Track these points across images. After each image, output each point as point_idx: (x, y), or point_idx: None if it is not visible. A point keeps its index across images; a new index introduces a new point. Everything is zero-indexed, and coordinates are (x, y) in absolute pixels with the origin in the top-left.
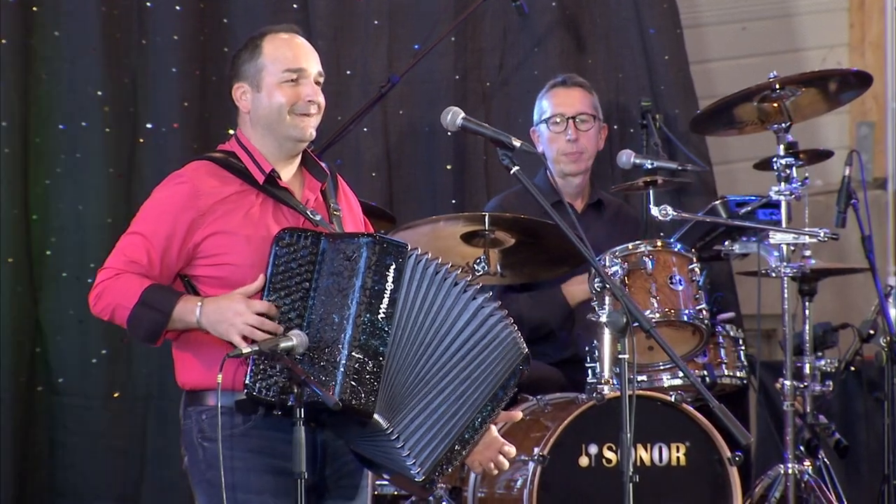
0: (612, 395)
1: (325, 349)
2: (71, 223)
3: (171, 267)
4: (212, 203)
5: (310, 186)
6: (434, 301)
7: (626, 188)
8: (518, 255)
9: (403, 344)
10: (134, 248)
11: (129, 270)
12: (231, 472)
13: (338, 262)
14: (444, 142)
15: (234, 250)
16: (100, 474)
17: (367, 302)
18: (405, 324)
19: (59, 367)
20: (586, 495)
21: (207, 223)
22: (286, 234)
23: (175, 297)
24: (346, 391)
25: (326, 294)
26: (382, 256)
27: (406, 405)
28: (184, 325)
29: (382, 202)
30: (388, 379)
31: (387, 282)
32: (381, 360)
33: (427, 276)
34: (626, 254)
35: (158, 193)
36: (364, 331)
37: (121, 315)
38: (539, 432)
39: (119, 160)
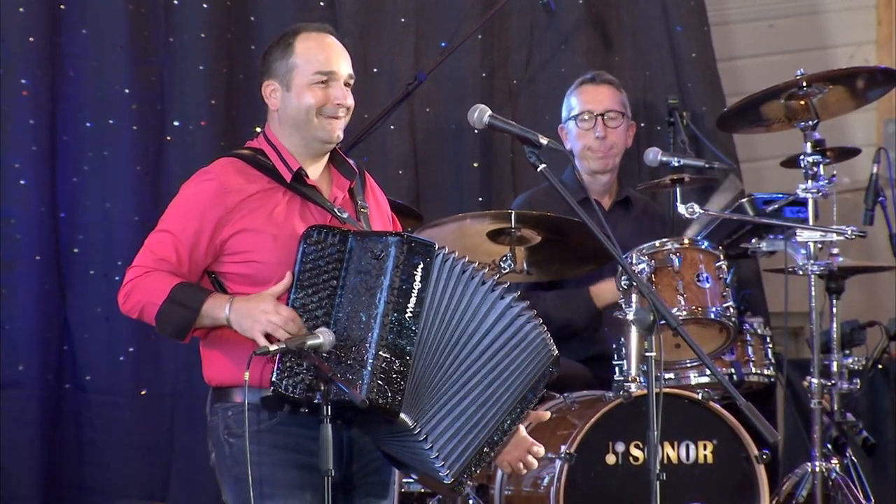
0: (639, 392)
1: (352, 348)
2: (98, 221)
3: (199, 264)
4: (239, 200)
5: (338, 184)
6: (461, 300)
7: (653, 186)
8: (544, 252)
9: (430, 343)
10: (162, 245)
11: (157, 268)
12: (258, 468)
13: (365, 261)
14: (470, 139)
15: (261, 248)
16: (127, 471)
17: (394, 301)
18: (432, 323)
19: (86, 364)
20: (613, 493)
21: (234, 220)
22: (314, 231)
23: (204, 295)
24: (373, 390)
25: (354, 292)
26: (410, 256)
27: (433, 405)
28: (212, 321)
29: (409, 200)
30: (415, 378)
31: (414, 281)
32: (408, 359)
33: (454, 275)
34: (653, 251)
35: (186, 190)
36: (391, 330)
37: (150, 312)
38: (566, 430)
39: (146, 158)
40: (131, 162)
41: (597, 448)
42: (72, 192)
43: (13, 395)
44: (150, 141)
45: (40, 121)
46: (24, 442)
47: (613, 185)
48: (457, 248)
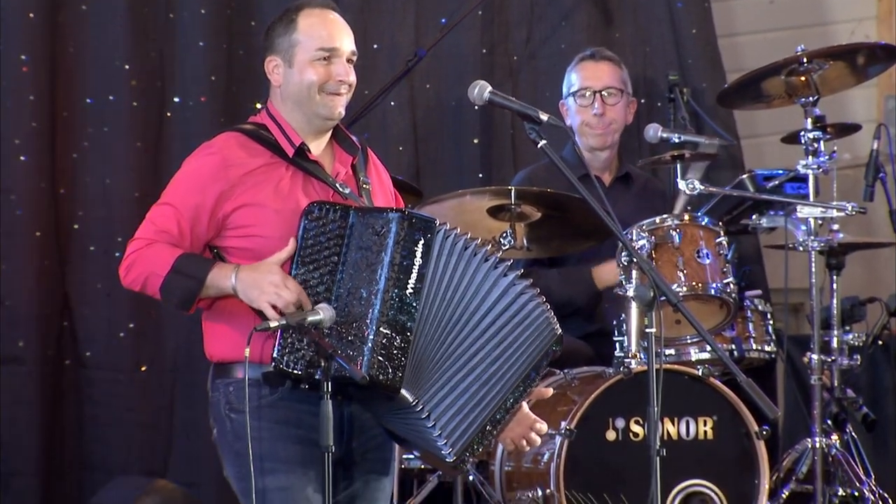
0: (639, 368)
1: (352, 324)
2: (98, 197)
3: (200, 237)
4: (241, 174)
5: (340, 160)
6: (463, 276)
7: (654, 162)
8: (544, 228)
9: (431, 320)
10: (164, 218)
11: (159, 240)
12: (259, 443)
13: (366, 237)
14: (470, 116)
15: (263, 222)
16: (127, 447)
17: (395, 277)
18: (433, 299)
19: (86, 340)
20: (613, 469)
21: (237, 194)
22: (315, 207)
23: (208, 264)
24: (373, 366)
25: (355, 268)
26: (411, 232)
27: (435, 382)
28: (217, 291)
29: (409, 176)
30: (416, 355)
31: (415, 257)
32: (408, 335)
33: (456, 252)
34: (653, 227)
35: (188, 164)
36: (392, 306)
37: (153, 284)
38: (566, 406)
39: (146, 134)
40: (131, 138)
41: (597, 424)
42: (72, 168)
43: (13, 370)
44: (150, 117)
45: (40, 97)
46: (25, 418)
47: (614, 161)
48: (457, 225)
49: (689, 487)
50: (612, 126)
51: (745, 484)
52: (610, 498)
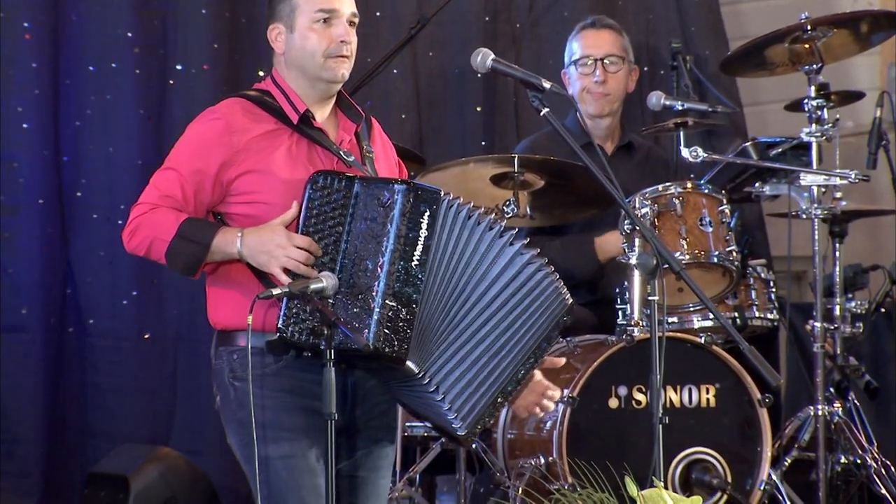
0: (641, 336)
1: (358, 296)
2: (101, 165)
3: (203, 203)
4: (246, 140)
5: (344, 127)
6: (467, 247)
7: (657, 130)
8: (548, 197)
9: (437, 291)
10: (168, 182)
11: (163, 205)
12: (262, 411)
13: (372, 208)
14: (473, 83)
15: (267, 189)
16: (131, 415)
17: (401, 249)
18: (439, 271)
19: (89, 308)
20: (616, 437)
21: (241, 160)
22: (320, 176)
23: (213, 229)
24: (379, 338)
25: (360, 239)
26: (417, 204)
27: (441, 354)
28: (222, 256)
29: (412, 144)
30: (422, 326)
31: (421, 229)
32: (414, 307)
33: (460, 222)
34: (655, 195)
35: (192, 129)
36: (398, 279)
37: (158, 249)
38: (569, 374)
39: (149, 102)
40: (134, 106)
41: (599, 392)
42: (74, 136)
43: (16, 338)
44: (153, 85)
45: (43, 65)
46: (28, 385)
47: (616, 129)
48: (460, 193)
49: (691, 455)
50: (611, 94)
51: (748, 451)
52: (612, 466)
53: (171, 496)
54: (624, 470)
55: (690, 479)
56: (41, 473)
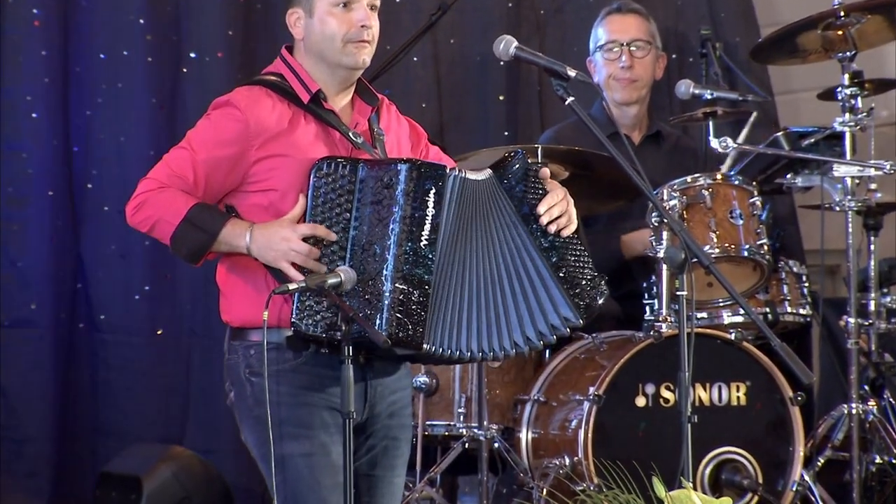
0: (670, 332)
1: (368, 281)
2: (112, 155)
3: (214, 189)
4: (264, 130)
5: (360, 111)
6: (475, 220)
7: (685, 120)
8: (572, 188)
9: (447, 267)
10: (181, 162)
11: (172, 185)
12: (279, 408)
13: (376, 190)
14: (496, 71)
15: (281, 175)
16: (143, 413)
17: (407, 230)
18: (451, 248)
19: (100, 303)
20: (643, 436)
21: (259, 146)
22: (324, 164)
23: (223, 219)
24: (392, 324)
25: (368, 224)
26: (421, 182)
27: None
28: (229, 248)
29: (433, 133)
30: (437, 306)
31: (427, 207)
32: (426, 288)
33: (466, 194)
34: (684, 187)
35: (213, 115)
36: (406, 260)
37: (163, 230)
38: (594, 371)
39: (161, 90)
40: (146, 94)
41: (626, 390)
42: (85, 125)
43: (25, 334)
44: (166, 73)
45: (52, 52)
46: (38, 383)
47: (644, 118)
48: None
49: (721, 455)
50: (639, 80)
51: (779, 451)
52: (640, 466)
53: (184, 497)
54: (651, 470)
55: (720, 480)
56: (51, 473)
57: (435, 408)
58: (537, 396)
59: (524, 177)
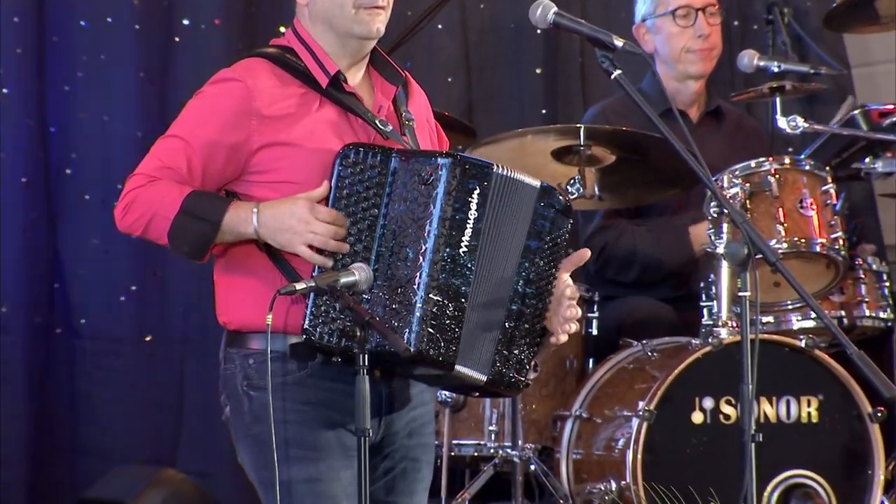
0: (730, 339)
1: (397, 289)
2: (95, 136)
3: (214, 178)
4: (269, 107)
5: (381, 91)
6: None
7: (749, 96)
8: (620, 174)
9: (485, 279)
10: (172, 153)
11: (163, 177)
12: (283, 427)
13: (411, 186)
14: (532, 41)
15: (294, 165)
16: (129, 431)
17: (446, 234)
18: (489, 255)
19: (81, 305)
20: (700, 457)
21: (262, 132)
22: (351, 150)
23: (224, 205)
24: (422, 340)
25: (398, 224)
26: (464, 180)
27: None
28: (235, 236)
29: (459, 112)
30: (471, 323)
31: (469, 210)
32: (463, 302)
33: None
34: (747, 173)
35: (206, 93)
36: (443, 269)
37: (158, 227)
38: (644, 384)
39: (151, 63)
40: (133, 67)
41: (681, 405)
42: (63, 102)
43: None
44: (156, 43)
45: (26, 19)
46: (9, 397)
47: (702, 94)
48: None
49: (789, 479)
50: (715, 50)
51: (856, 475)
52: (696, 491)
53: None
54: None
55: None
56: (24, 499)
57: (462, 425)
58: (579, 412)
59: (556, 218)
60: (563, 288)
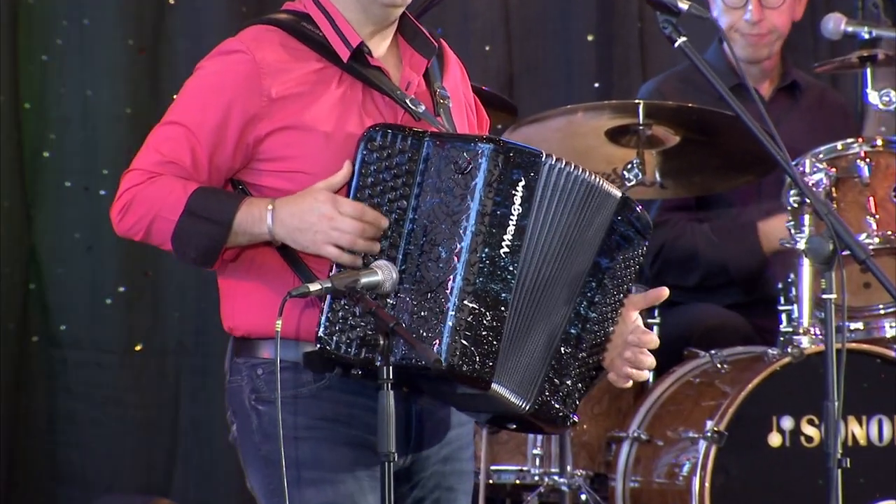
0: (813, 349)
1: (426, 294)
2: (77, 114)
3: (222, 170)
4: (281, 85)
5: (411, 65)
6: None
7: (835, 67)
8: (684, 158)
9: (532, 288)
10: (173, 143)
11: (165, 173)
12: (296, 445)
13: (446, 176)
14: (583, 3)
15: (309, 153)
16: (116, 455)
17: (485, 232)
18: (534, 259)
19: (61, 310)
20: (778, 485)
21: (274, 113)
22: (377, 133)
23: (234, 203)
24: (454, 352)
25: (430, 218)
26: (508, 170)
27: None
28: (249, 238)
29: (498, 86)
30: (512, 335)
31: (513, 205)
32: (502, 310)
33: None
34: (833, 156)
35: (207, 69)
36: (481, 271)
37: (161, 230)
38: (713, 401)
39: (141, 29)
40: (121, 34)
41: (755, 425)
42: (40, 75)
43: None
44: (147, 6)
45: None
46: None
47: (777, 66)
48: (565, 153)
49: None
50: (771, 35)
51: None
52: None
53: None
54: None
55: None
56: None
57: (503, 448)
58: (638, 433)
59: (634, 237)
60: (631, 327)
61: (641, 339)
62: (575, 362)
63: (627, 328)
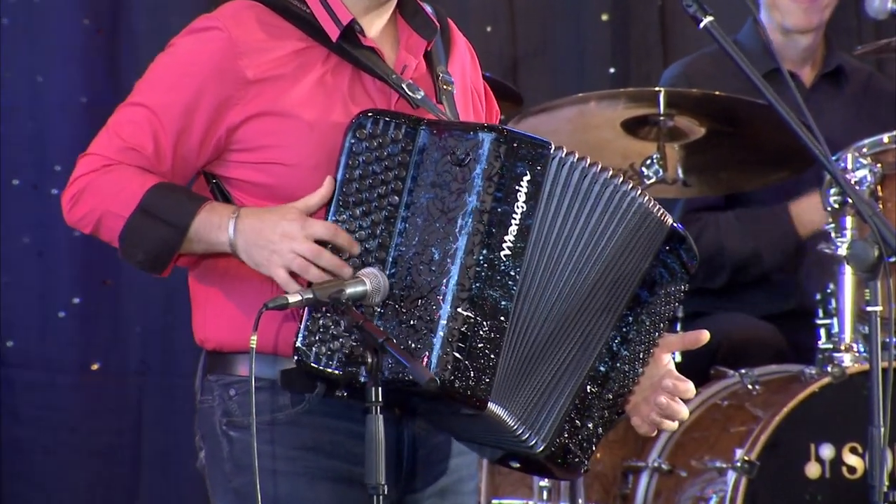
0: (856, 368)
1: (417, 300)
2: (23, 103)
3: (188, 160)
4: (259, 66)
5: (408, 46)
6: (585, 228)
7: (880, 50)
8: (710, 153)
9: (536, 296)
10: (135, 127)
11: (124, 161)
12: (272, 477)
13: (443, 168)
14: None
15: (290, 142)
16: (70, 486)
17: (483, 231)
18: (541, 265)
19: (8, 323)
20: None
21: (251, 97)
22: (368, 119)
23: (194, 205)
24: (446, 366)
25: (424, 216)
26: (511, 162)
27: (529, 380)
28: (206, 247)
29: (502, 72)
30: (514, 351)
31: (516, 201)
32: (501, 320)
33: (580, 191)
34: (878, 150)
35: (177, 46)
36: (478, 276)
37: (110, 227)
38: (744, 426)
39: (98, 6)
40: (75, 12)
41: (791, 453)
42: None
43: None
44: None
45: None
46: None
47: (818, 49)
48: (576, 145)
49: None
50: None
51: None
52: None
53: None
54: None
55: None
56: None
57: (505, 479)
58: (658, 463)
59: (679, 272)
60: (662, 371)
61: (678, 386)
62: (600, 403)
63: (658, 371)
